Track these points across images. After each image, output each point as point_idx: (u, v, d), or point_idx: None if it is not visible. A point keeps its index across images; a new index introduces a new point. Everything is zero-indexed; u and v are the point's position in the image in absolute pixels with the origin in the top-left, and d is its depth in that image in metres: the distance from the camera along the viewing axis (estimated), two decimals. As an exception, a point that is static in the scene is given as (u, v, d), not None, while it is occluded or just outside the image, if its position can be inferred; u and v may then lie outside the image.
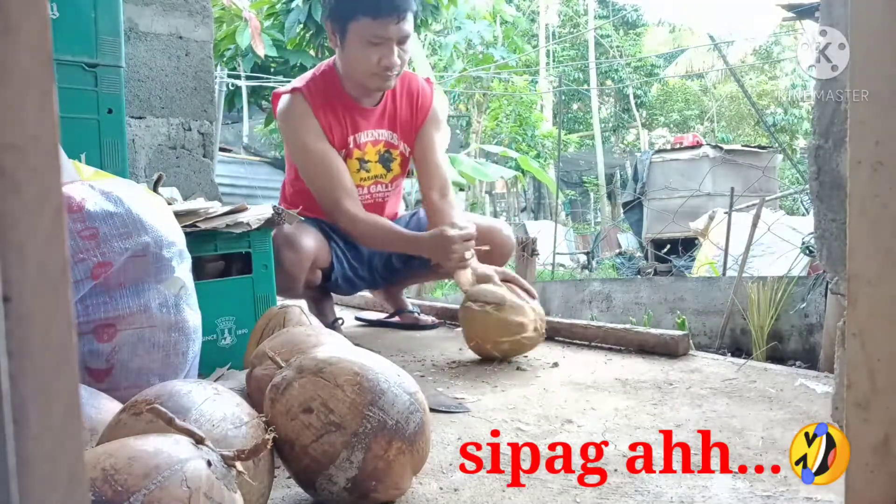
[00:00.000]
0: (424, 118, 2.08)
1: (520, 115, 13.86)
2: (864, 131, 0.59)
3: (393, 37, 1.82)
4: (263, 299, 1.59)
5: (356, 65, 1.87)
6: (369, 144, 2.02)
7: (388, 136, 2.05)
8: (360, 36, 1.82)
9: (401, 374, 0.90)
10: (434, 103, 2.12)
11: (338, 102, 1.96)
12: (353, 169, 2.00)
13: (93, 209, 1.06)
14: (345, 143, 1.98)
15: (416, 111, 2.08)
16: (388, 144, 2.06)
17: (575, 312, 4.10)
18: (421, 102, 2.08)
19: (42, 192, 0.31)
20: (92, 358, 1.06)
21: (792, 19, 6.85)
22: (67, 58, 1.48)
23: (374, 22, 1.79)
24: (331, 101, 1.96)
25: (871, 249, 0.60)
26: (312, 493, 0.86)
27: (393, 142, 2.06)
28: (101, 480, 0.58)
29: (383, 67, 1.85)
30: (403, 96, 2.06)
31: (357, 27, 1.81)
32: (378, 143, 2.04)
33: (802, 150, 12.46)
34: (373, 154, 2.04)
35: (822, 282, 3.09)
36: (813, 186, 0.86)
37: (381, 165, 2.06)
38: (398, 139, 2.07)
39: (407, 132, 2.08)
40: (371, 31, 1.80)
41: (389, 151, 2.06)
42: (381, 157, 2.05)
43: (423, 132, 2.08)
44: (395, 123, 2.06)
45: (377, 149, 2.04)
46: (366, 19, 1.79)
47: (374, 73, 1.87)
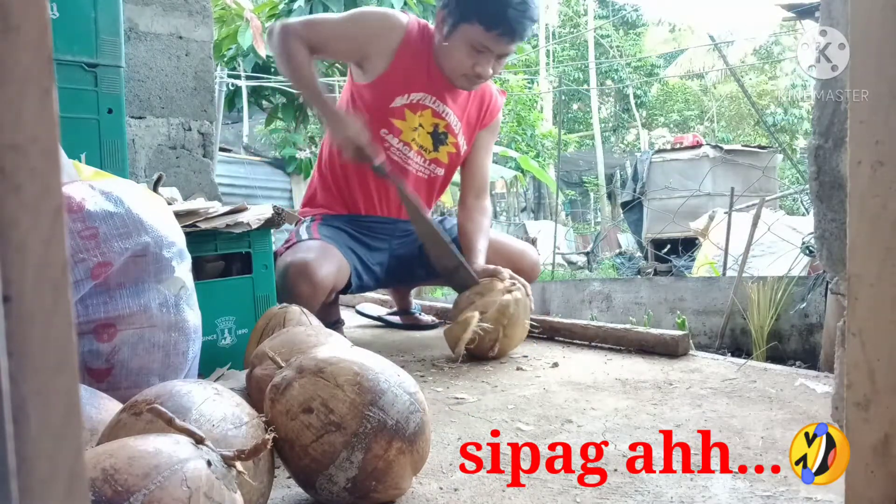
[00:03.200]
0: (487, 123, 2.09)
1: (519, 114, 13.86)
2: (864, 131, 0.59)
3: (496, 51, 1.84)
4: (263, 299, 1.59)
5: (452, 61, 1.88)
6: (430, 111, 1.98)
7: (453, 120, 2.02)
8: (467, 38, 1.82)
9: (401, 374, 0.90)
10: (500, 113, 2.14)
11: (427, 60, 1.94)
12: (412, 125, 1.97)
13: (93, 209, 1.06)
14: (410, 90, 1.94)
15: (483, 115, 2.09)
16: (449, 128, 2.03)
17: (575, 312, 4.10)
18: (490, 109, 2.09)
19: (42, 192, 0.31)
20: (92, 358, 1.06)
21: (792, 19, 6.85)
22: (67, 58, 1.48)
23: (486, 34, 1.79)
24: (422, 53, 1.94)
25: (871, 249, 0.60)
26: (312, 493, 0.86)
27: (455, 129, 2.03)
28: (101, 480, 0.58)
29: (476, 74, 1.87)
30: (476, 95, 2.06)
31: (468, 29, 1.81)
32: (439, 118, 2.00)
33: (802, 150, 12.46)
34: (428, 123, 2.00)
35: (822, 282, 3.09)
36: (813, 186, 0.86)
37: (430, 139, 2.02)
38: (461, 131, 2.05)
39: (470, 131, 2.08)
40: (479, 38, 1.81)
41: (446, 134, 2.03)
42: (434, 131, 2.02)
43: (482, 134, 2.09)
44: (464, 116, 2.05)
45: (435, 122, 2.00)
46: (479, 27, 1.79)
47: (464, 75, 1.89)
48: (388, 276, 2.10)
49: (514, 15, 1.75)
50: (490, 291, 1.75)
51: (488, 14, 1.76)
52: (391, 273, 2.10)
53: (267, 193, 10.20)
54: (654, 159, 10.39)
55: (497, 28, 1.77)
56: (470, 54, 1.83)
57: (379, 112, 1.94)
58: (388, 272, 2.08)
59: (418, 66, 1.93)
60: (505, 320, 1.70)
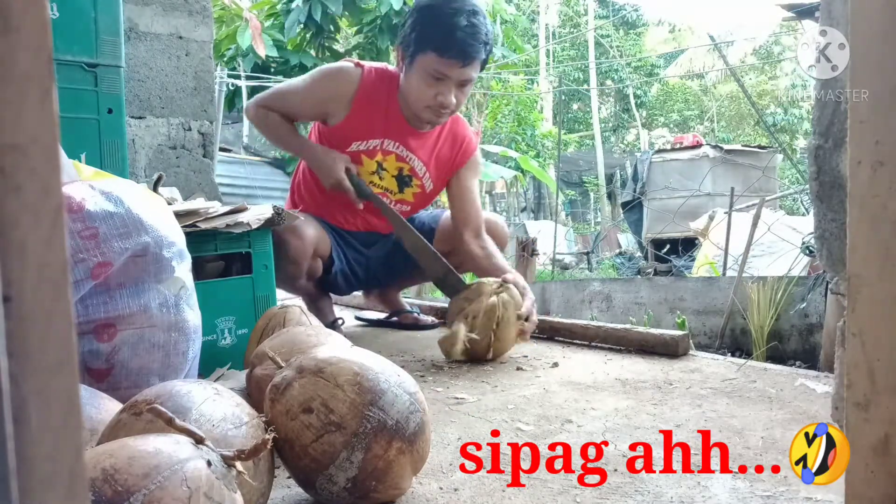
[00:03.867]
0: (462, 163, 2.12)
1: (519, 114, 13.86)
2: (864, 131, 0.59)
3: (454, 78, 1.87)
4: (263, 299, 1.59)
5: (414, 94, 1.92)
6: (394, 156, 2.05)
7: (417, 164, 2.08)
8: (425, 68, 1.86)
9: (401, 374, 0.90)
10: (476, 154, 2.17)
11: (388, 104, 2.00)
12: (369, 169, 2.04)
13: (93, 209, 1.06)
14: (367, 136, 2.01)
15: (456, 155, 2.12)
16: (413, 171, 2.08)
17: (575, 312, 4.10)
18: (464, 149, 2.13)
19: (42, 192, 0.31)
20: (92, 358, 1.06)
21: (792, 19, 6.85)
22: (67, 58, 1.48)
23: (440, 60, 1.83)
24: (381, 98, 2.00)
25: (871, 249, 0.59)
26: (312, 493, 0.86)
27: (419, 172, 2.09)
28: (101, 480, 0.58)
29: (438, 104, 1.90)
30: (448, 137, 2.10)
31: (424, 59, 1.85)
32: (402, 162, 2.06)
33: (802, 150, 12.46)
34: (392, 167, 2.07)
35: (822, 282, 3.09)
36: (813, 186, 0.86)
37: (395, 181, 2.09)
38: (427, 173, 2.10)
39: (440, 173, 2.12)
40: (435, 66, 1.84)
41: (410, 177, 2.09)
42: (399, 174, 2.08)
43: (460, 175, 2.13)
44: (431, 158, 2.09)
45: (399, 165, 2.07)
46: (433, 55, 1.83)
47: (427, 107, 1.92)
48: (367, 274, 2.18)
49: (463, 37, 1.79)
50: (478, 296, 1.74)
51: (439, 40, 1.81)
52: (371, 272, 2.19)
53: (267, 193, 10.20)
54: (654, 159, 10.39)
55: (448, 52, 1.81)
56: (430, 84, 1.88)
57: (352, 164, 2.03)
58: (368, 270, 2.17)
59: (375, 113, 1.99)
60: (493, 325, 1.70)
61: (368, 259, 2.17)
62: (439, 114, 1.95)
